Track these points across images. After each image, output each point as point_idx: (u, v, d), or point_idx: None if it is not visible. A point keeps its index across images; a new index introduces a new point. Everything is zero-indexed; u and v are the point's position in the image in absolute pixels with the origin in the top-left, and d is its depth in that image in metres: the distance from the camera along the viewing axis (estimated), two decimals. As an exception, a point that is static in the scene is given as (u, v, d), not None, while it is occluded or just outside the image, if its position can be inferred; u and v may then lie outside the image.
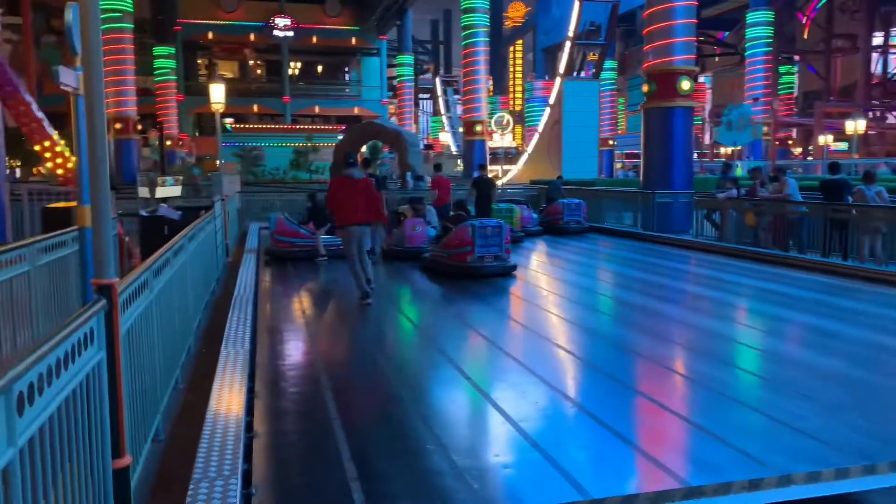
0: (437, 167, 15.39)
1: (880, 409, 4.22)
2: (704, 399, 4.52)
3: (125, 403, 2.90)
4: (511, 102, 54.34)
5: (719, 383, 4.82)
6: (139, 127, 31.73)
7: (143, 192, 13.93)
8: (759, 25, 36.10)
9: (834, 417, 4.02)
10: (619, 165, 43.37)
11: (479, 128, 30.09)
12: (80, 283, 5.14)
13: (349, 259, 8.05)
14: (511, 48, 56.26)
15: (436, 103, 60.38)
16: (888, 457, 3.30)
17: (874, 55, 38.64)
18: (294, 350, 5.86)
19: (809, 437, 3.69)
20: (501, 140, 40.75)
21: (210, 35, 41.86)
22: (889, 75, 40.32)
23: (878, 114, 37.55)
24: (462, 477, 3.28)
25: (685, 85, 14.82)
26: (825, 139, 32.28)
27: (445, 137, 38.46)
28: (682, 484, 3.10)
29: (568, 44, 31.31)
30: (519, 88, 54.52)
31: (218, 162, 14.06)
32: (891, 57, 40.67)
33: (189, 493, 2.79)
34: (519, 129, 51.30)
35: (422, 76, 61.78)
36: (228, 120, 39.30)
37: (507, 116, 46.36)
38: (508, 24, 57.17)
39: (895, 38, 39.69)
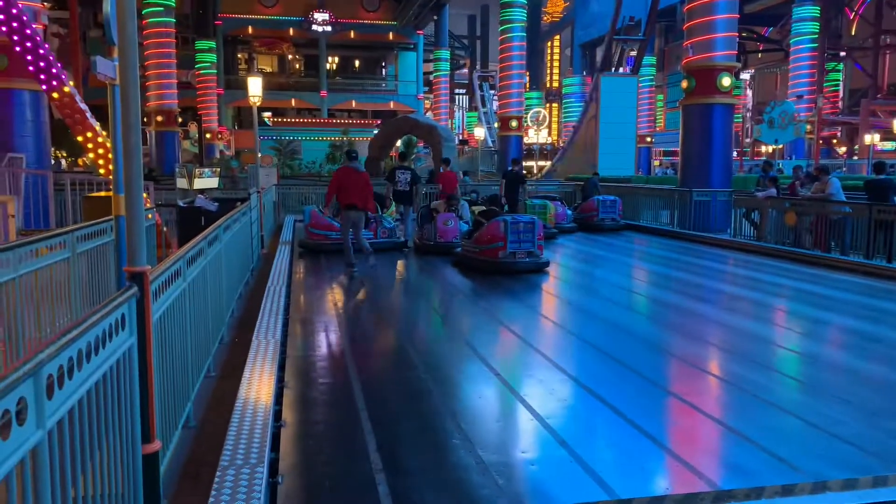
0: (446, 162, 15.49)
1: (923, 416, 4.08)
2: (738, 401, 4.43)
3: (155, 389, 2.94)
4: (547, 98, 53.90)
5: (754, 385, 4.71)
6: (180, 120, 32.25)
7: (182, 183, 14.16)
8: (804, 21, 35.21)
9: (872, 423, 3.90)
10: (656, 163, 42.75)
11: (514, 123, 29.88)
12: (116, 271, 5.24)
13: (343, 234, 9.67)
14: (549, 43, 55.79)
15: (472, 98, 60.21)
16: (929, 466, 3.19)
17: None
18: (325, 341, 5.90)
19: (846, 443, 3.58)
20: (537, 136, 40.45)
21: (250, 29, 42.37)
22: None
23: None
24: (488, 472, 3.26)
25: (725, 81, 14.52)
26: (871, 138, 31.36)
27: (481, 133, 38.33)
28: (712, 487, 3.04)
29: (607, 38, 30.93)
30: (556, 84, 54.03)
31: (255, 155, 14.21)
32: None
33: (216, 479, 2.82)
34: (555, 124, 50.89)
35: (458, 71, 61.63)
36: (266, 114, 39.74)
37: (544, 112, 46.01)
38: (547, 19, 56.64)
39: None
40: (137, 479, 2.69)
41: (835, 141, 41.34)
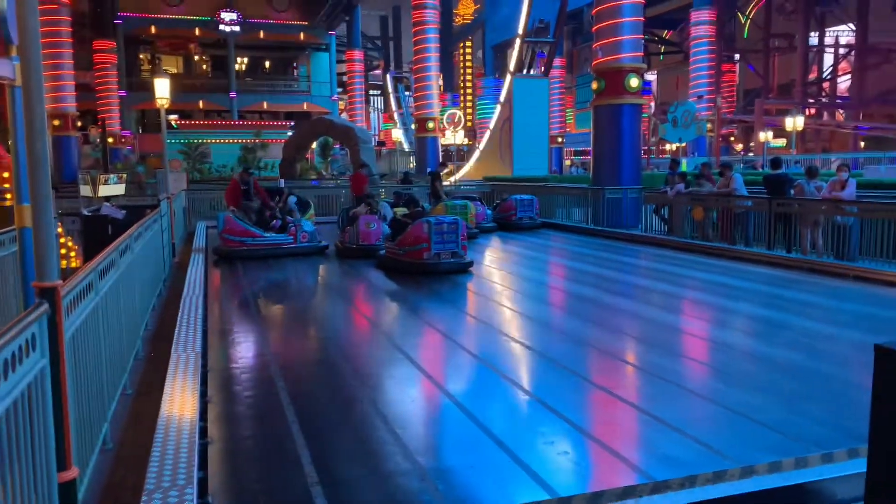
0: (363, 165, 16.64)
1: (834, 398, 4.32)
2: (663, 392, 4.56)
3: (71, 412, 2.74)
4: (462, 100, 54.38)
5: (677, 376, 4.88)
6: (79, 124, 30.58)
7: (85, 190, 13.42)
8: (702, 24, 36.98)
9: (790, 407, 4.10)
10: (568, 162, 43.88)
11: (431, 125, 30.01)
12: (19, 288, 4.88)
13: None
14: (461, 45, 56.31)
15: (387, 100, 60.01)
16: (845, 445, 3.38)
17: (810, 54, 40.03)
18: (248, 352, 5.70)
19: (768, 428, 3.75)
20: (454, 137, 40.75)
21: (153, 29, 40.65)
22: (824, 74, 41.86)
23: (813, 111, 38.92)
24: (426, 478, 3.22)
25: (633, 82, 15.04)
26: (765, 136, 33.29)
27: (397, 134, 38.19)
28: (647, 478, 3.11)
29: (518, 41, 31.49)
30: (469, 86, 54.61)
31: (164, 159, 13.63)
32: (826, 56, 42.24)
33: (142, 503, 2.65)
34: (470, 125, 51.40)
35: (372, 72, 61.26)
36: (173, 116, 38.24)
37: (459, 113, 46.39)
38: (458, 21, 57.14)
39: (830, 38, 41.25)
40: (54, 510, 2.50)
41: (732, 139, 43.65)
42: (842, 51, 41.74)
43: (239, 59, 44.69)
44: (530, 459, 3.38)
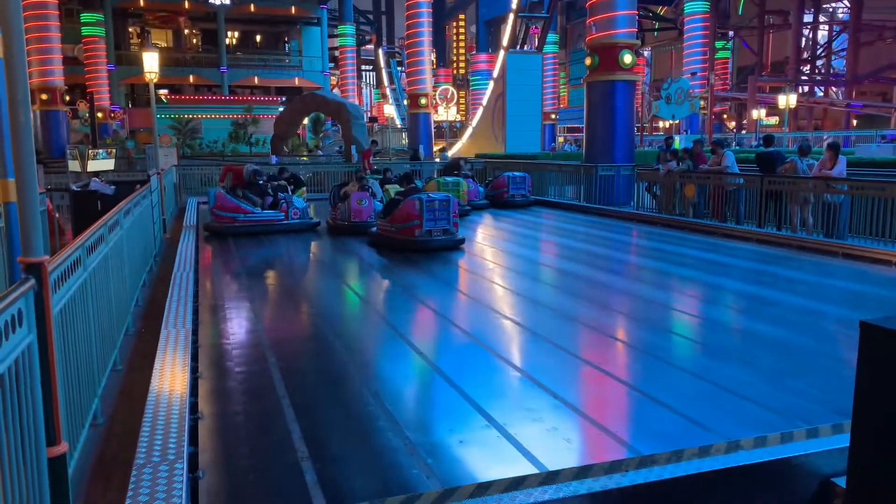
0: (373, 143, 17.18)
1: (819, 373, 4.37)
2: (651, 368, 4.60)
3: (59, 388, 2.74)
4: (454, 75, 53.96)
5: (665, 352, 4.92)
6: (67, 98, 30.23)
7: (74, 165, 13.30)
8: (695, 1, 36.70)
9: (775, 383, 4.14)
10: (560, 139, 43.72)
11: (423, 101, 29.73)
12: (5, 264, 4.84)
13: None
14: (454, 21, 55.73)
15: (379, 75, 59.46)
16: (829, 420, 3.42)
17: (804, 31, 39.85)
18: (238, 328, 5.70)
19: (753, 403, 3.79)
20: (446, 114, 40.51)
21: (142, 2, 40.08)
22: (818, 51, 41.71)
23: (806, 89, 38.84)
24: (416, 453, 3.24)
25: (627, 58, 14.96)
26: (758, 113, 33.25)
27: (390, 110, 37.87)
28: (634, 453, 3.14)
29: (511, 16, 31.20)
30: (462, 62, 54.16)
31: (154, 134, 13.51)
32: (820, 33, 42.06)
33: (132, 478, 2.66)
34: (463, 102, 51.07)
35: (364, 47, 60.62)
36: (163, 91, 37.82)
37: (452, 89, 46.07)
38: (450, -5, 56.49)
39: (825, 15, 41.06)
40: (43, 484, 2.51)
41: (725, 116, 43.55)
42: (836, 28, 41.56)
43: (230, 33, 44.17)
44: (519, 434, 3.41)
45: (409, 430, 3.50)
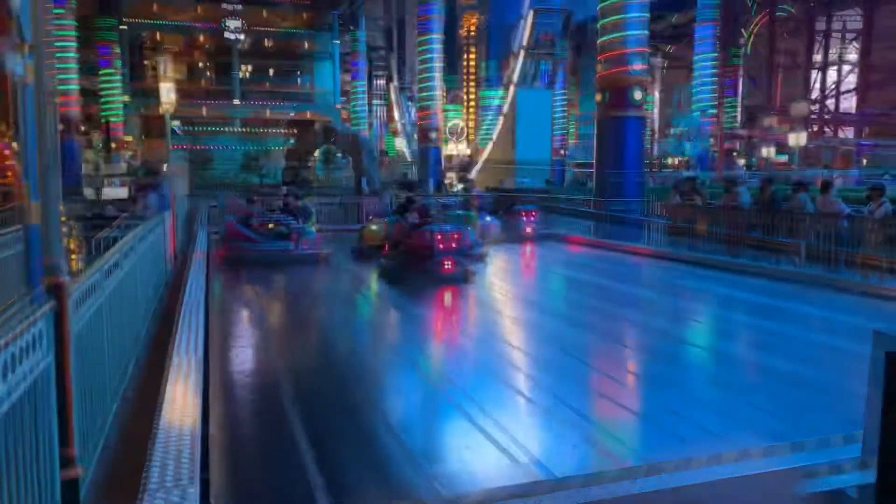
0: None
1: (834, 406, 4.30)
2: (670, 397, 4.54)
3: (74, 410, 2.72)
4: (465, 110, 54.55)
5: (681, 385, 4.86)
6: (83, 128, 30.68)
7: (89, 193, 13.43)
8: (706, 41, 37.11)
9: (795, 419, 4.08)
10: (573, 175, 43.90)
11: (433, 135, 30.04)
12: (26, 282, 4.86)
13: None
14: (465, 57, 56.56)
15: (390, 109, 60.13)
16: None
17: (813, 72, 40.18)
18: (250, 356, 5.68)
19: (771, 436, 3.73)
20: (456, 148, 40.79)
21: (158, 36, 40.87)
22: (826, 92, 41.97)
23: (815, 128, 38.99)
24: (430, 483, 3.19)
25: (637, 95, 15.10)
26: (768, 151, 33.35)
27: (400, 144, 38.19)
28: (643, 462, 3.09)
29: (521, 53, 31.62)
30: (473, 97, 54.82)
31: (167, 165, 13.67)
32: (829, 74, 42.37)
33: (145, 502, 2.62)
34: (472, 136, 51.49)
35: (376, 82, 61.45)
36: (175, 122, 38.36)
37: (462, 124, 46.49)
38: (462, 32, 57.42)
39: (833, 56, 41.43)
40: (56, 509, 2.48)
41: (735, 153, 43.69)
42: (845, 68, 41.89)
43: (243, 67, 44.87)
44: (537, 462, 3.36)
45: (423, 458, 3.46)
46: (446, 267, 9.17)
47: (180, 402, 3.91)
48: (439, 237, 9.14)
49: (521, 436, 3.91)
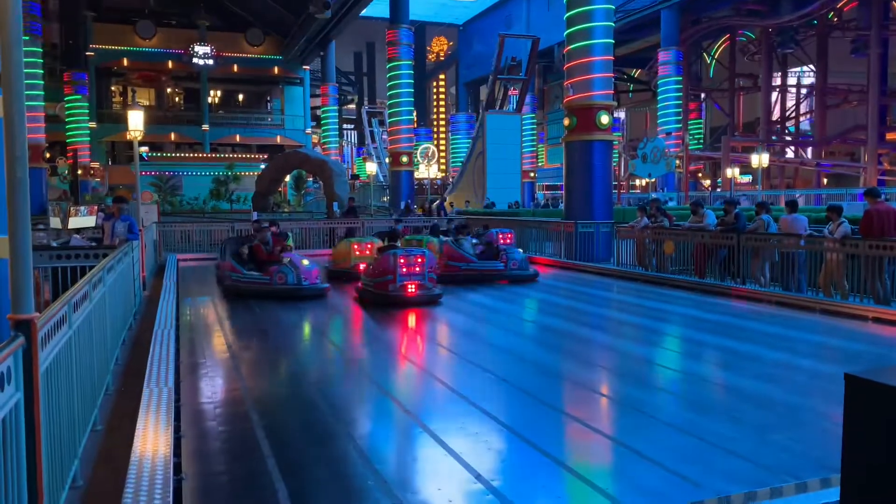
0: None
1: (803, 428, 4.40)
2: (638, 423, 4.60)
3: (43, 448, 2.69)
4: (435, 134, 54.91)
5: (651, 407, 4.92)
6: (48, 155, 30.21)
7: (55, 222, 13.21)
8: (669, 64, 38.00)
9: (761, 438, 4.16)
10: (542, 198, 44.37)
11: (405, 159, 30.16)
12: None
13: None
14: (434, 81, 57.09)
15: (360, 134, 60.30)
16: (816, 475, 3.43)
17: (773, 94, 41.29)
18: (222, 386, 5.62)
19: (741, 458, 3.80)
20: (427, 171, 40.99)
21: (125, 62, 40.57)
22: (786, 113, 43.16)
23: (776, 148, 39.97)
24: (405, 512, 3.20)
25: (604, 119, 15.36)
26: (732, 172, 34.07)
27: (371, 168, 38.31)
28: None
29: (491, 78, 32.03)
30: (443, 121, 55.26)
31: (134, 192, 13.52)
32: (788, 96, 43.60)
33: (115, 542, 2.59)
34: (443, 160, 51.85)
35: (346, 106, 61.67)
36: (143, 148, 37.97)
37: (433, 148, 46.77)
38: (432, 57, 58.01)
39: (792, 79, 42.68)
40: (24, 550, 2.44)
41: (699, 175, 44.56)
42: (803, 91, 43.12)
43: (212, 92, 44.71)
44: (509, 493, 3.38)
45: (399, 489, 3.46)
46: (409, 291, 9.17)
47: (151, 436, 3.87)
48: (402, 261, 9.15)
49: (500, 467, 3.93)
